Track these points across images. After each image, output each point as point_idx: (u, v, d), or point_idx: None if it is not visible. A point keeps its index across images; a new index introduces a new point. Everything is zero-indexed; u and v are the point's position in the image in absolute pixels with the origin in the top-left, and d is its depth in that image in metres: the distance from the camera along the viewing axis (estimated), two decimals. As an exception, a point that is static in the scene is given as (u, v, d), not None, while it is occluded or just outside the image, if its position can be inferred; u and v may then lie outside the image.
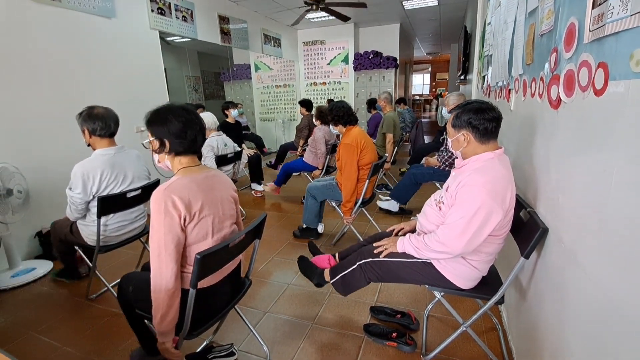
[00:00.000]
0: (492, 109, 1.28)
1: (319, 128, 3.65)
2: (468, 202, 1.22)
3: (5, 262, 2.39)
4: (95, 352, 1.64)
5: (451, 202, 1.31)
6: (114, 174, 1.84)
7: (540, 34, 1.25)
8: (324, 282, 1.69)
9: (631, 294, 0.68)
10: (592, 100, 0.84)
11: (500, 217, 1.20)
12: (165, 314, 1.13)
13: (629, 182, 0.70)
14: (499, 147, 1.30)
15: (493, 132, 1.28)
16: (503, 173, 1.24)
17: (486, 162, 1.27)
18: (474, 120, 1.27)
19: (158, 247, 1.10)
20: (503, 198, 1.20)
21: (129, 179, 1.91)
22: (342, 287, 1.58)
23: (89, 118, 1.80)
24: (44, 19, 2.63)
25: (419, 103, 15.02)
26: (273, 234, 2.98)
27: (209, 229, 1.20)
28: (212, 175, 1.27)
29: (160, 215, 1.09)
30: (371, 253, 1.50)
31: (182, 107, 1.21)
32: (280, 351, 1.61)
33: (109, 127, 1.83)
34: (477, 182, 1.22)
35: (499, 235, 1.29)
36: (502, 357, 1.51)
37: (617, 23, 0.70)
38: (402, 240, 1.44)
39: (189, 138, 1.18)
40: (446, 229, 1.26)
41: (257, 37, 5.69)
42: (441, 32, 8.25)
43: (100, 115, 1.81)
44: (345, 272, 1.55)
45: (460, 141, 1.32)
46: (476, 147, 1.30)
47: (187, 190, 1.14)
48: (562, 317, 1.01)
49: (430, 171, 3.02)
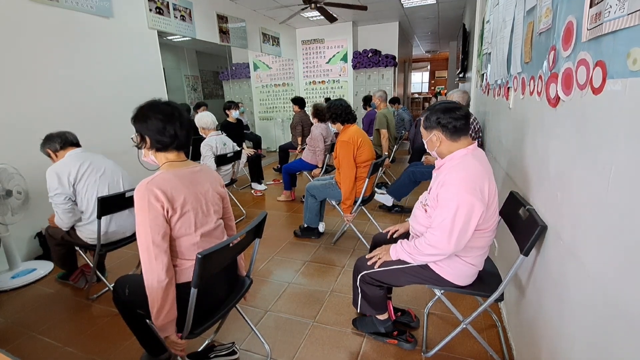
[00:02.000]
0: (459, 108, 1.32)
1: (316, 126, 3.64)
2: (448, 201, 1.25)
3: (5, 263, 2.39)
4: (97, 352, 1.65)
5: (434, 203, 1.33)
6: (85, 163, 1.91)
7: (539, 33, 1.25)
8: (389, 322, 1.62)
9: (630, 290, 0.69)
10: (590, 99, 0.84)
11: (481, 210, 1.22)
12: (161, 307, 1.13)
13: (626, 179, 0.70)
14: (471, 142, 1.34)
15: (462, 129, 1.32)
16: (477, 167, 1.27)
17: (461, 159, 1.31)
18: (442, 119, 1.32)
19: (146, 240, 1.10)
20: (481, 191, 1.23)
21: (102, 167, 1.96)
22: (373, 307, 1.58)
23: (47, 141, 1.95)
24: (42, 19, 2.63)
25: (418, 101, 15.01)
26: (273, 233, 2.99)
27: (192, 223, 1.20)
28: (197, 170, 1.28)
29: (145, 209, 1.09)
30: (364, 265, 1.51)
31: (166, 103, 1.22)
32: (282, 350, 1.61)
33: (66, 139, 1.95)
34: (454, 181, 1.25)
35: (486, 229, 1.31)
36: (501, 354, 1.52)
37: (615, 22, 0.70)
38: (394, 247, 1.45)
39: (168, 134, 1.18)
40: (433, 231, 1.29)
41: (256, 36, 5.68)
42: (440, 30, 8.24)
43: (55, 135, 1.94)
44: (358, 294, 1.57)
45: (433, 141, 1.37)
46: (449, 145, 1.34)
47: (169, 184, 1.15)
48: (561, 314, 1.01)
49: (429, 169, 3.02)
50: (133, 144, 1.24)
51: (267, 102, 7.41)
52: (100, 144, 3.01)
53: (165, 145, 1.20)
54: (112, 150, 3.05)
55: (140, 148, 1.23)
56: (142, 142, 1.21)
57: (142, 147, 1.22)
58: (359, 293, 1.57)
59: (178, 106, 1.24)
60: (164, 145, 1.20)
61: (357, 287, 1.56)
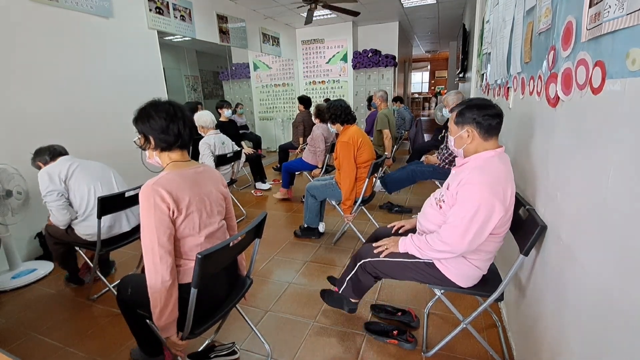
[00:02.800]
0: (494, 106, 1.29)
1: (317, 126, 3.65)
2: (469, 200, 1.22)
3: (6, 264, 2.39)
4: (98, 352, 1.65)
5: (452, 200, 1.31)
6: (74, 163, 1.97)
7: (538, 33, 1.26)
8: (352, 303, 1.65)
9: (629, 289, 0.69)
10: (590, 99, 0.84)
11: (501, 214, 1.20)
12: (163, 308, 1.13)
13: (626, 179, 0.70)
14: (499, 145, 1.31)
15: (496, 128, 1.29)
16: (503, 170, 1.24)
17: (486, 160, 1.27)
18: (478, 116, 1.27)
19: (150, 241, 1.10)
20: (504, 194, 1.21)
21: (91, 166, 2.03)
22: (353, 291, 1.58)
23: (37, 155, 2.04)
24: (41, 18, 2.63)
25: (418, 101, 15.01)
26: (274, 233, 2.99)
27: (197, 224, 1.20)
28: (201, 170, 1.28)
29: (150, 210, 1.09)
30: (370, 252, 1.50)
31: (167, 102, 1.22)
32: (282, 350, 1.62)
33: (55, 151, 2.03)
34: (478, 180, 1.22)
35: (499, 234, 1.30)
36: (502, 354, 1.53)
37: (614, 22, 0.70)
38: (403, 240, 1.44)
39: (172, 133, 1.18)
40: (449, 228, 1.26)
41: (256, 36, 5.68)
42: (440, 30, 8.24)
43: (44, 148, 2.03)
44: (350, 274, 1.56)
45: (464, 138, 1.32)
46: (479, 144, 1.30)
47: (174, 185, 1.15)
48: (561, 313, 1.02)
49: (430, 169, 3.03)
50: (136, 146, 1.24)
51: (267, 102, 7.41)
52: (100, 144, 3.02)
53: (169, 144, 1.20)
54: (112, 150, 3.06)
55: (144, 149, 1.23)
56: (146, 143, 1.21)
57: (146, 147, 1.22)
58: (350, 276, 1.56)
59: (180, 105, 1.24)
60: (168, 144, 1.20)
61: (352, 271, 1.55)
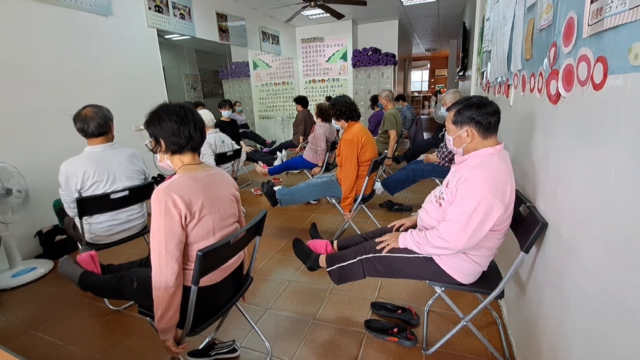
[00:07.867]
0: (492, 104, 1.28)
1: (319, 125, 3.66)
2: (469, 197, 1.22)
3: (6, 262, 2.39)
4: (98, 349, 1.65)
5: (451, 198, 1.31)
6: (97, 172, 1.82)
7: (539, 29, 1.25)
8: (318, 267, 1.68)
9: (629, 286, 0.69)
10: (591, 95, 0.84)
11: (501, 211, 1.20)
12: (164, 312, 1.13)
13: (627, 176, 0.70)
14: (499, 142, 1.31)
15: (495, 125, 1.28)
16: (503, 168, 1.24)
17: (486, 158, 1.27)
18: (477, 115, 1.27)
19: (159, 246, 1.10)
20: (503, 192, 1.21)
21: (114, 178, 1.88)
22: (337, 277, 1.59)
23: (74, 119, 1.84)
24: (40, 17, 2.62)
25: (417, 100, 15.00)
26: (274, 231, 2.99)
27: (210, 228, 1.20)
28: (213, 173, 1.28)
29: (161, 215, 1.09)
30: (373, 248, 1.50)
31: (178, 105, 1.21)
32: (282, 347, 1.62)
33: (87, 128, 1.82)
34: (478, 178, 1.22)
35: (499, 230, 1.29)
36: (502, 351, 1.53)
37: (616, 17, 0.70)
38: (403, 235, 1.44)
39: (183, 135, 1.18)
40: (447, 225, 1.26)
41: (255, 34, 5.67)
42: (440, 29, 8.22)
43: (81, 117, 1.82)
44: (344, 263, 1.56)
45: (463, 137, 1.31)
46: (478, 142, 1.30)
47: (187, 189, 1.14)
48: (561, 311, 1.02)
49: (430, 167, 3.03)
50: (148, 149, 1.24)
51: (266, 100, 7.40)
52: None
53: (180, 147, 1.20)
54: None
55: (155, 152, 1.23)
56: (157, 146, 1.20)
57: (157, 151, 1.22)
58: (346, 264, 1.55)
59: (191, 107, 1.24)
60: (179, 146, 1.20)
61: (348, 261, 1.55)
